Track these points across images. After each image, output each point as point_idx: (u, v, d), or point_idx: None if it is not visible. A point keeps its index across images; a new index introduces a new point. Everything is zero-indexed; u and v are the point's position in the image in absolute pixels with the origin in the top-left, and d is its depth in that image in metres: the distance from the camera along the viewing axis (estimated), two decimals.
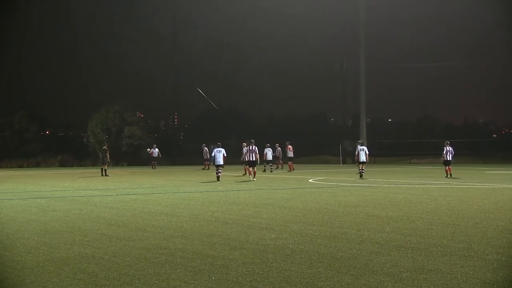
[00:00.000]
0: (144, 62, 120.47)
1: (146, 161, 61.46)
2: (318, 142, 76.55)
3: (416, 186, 25.08)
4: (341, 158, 61.25)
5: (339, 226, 12.43)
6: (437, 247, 9.73)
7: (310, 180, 30.08)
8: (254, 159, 31.52)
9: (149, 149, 51.32)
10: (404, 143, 76.43)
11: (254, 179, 30.55)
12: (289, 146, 44.04)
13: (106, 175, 36.54)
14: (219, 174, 30.93)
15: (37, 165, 61.20)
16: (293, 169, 42.26)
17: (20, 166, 59.79)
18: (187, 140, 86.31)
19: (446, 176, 31.63)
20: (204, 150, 47.15)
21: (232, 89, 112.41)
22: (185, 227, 12.53)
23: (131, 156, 63.97)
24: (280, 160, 46.02)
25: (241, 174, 35.33)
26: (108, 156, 38.19)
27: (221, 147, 32.04)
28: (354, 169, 39.75)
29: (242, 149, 33.55)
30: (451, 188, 23.57)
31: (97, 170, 38.03)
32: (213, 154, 32.12)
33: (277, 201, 18.55)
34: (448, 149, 33.20)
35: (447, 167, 32.41)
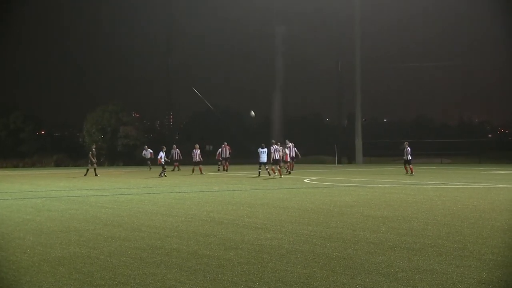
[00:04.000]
0: (139, 62, 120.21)
1: (141, 161, 61.41)
2: (313, 142, 76.51)
3: (411, 186, 25.11)
4: (336, 158, 61.24)
5: (335, 226, 12.44)
6: (432, 247, 9.75)
7: (306, 180, 30.09)
8: (278, 158, 34.04)
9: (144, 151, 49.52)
10: (400, 143, 76.48)
11: (278, 176, 32.70)
12: (227, 146, 44.32)
13: (96, 175, 36.83)
14: (267, 170, 34.43)
15: (32, 165, 61.11)
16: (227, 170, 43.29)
17: (16, 166, 59.68)
18: (183, 140, 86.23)
19: (407, 173, 34.82)
20: (194, 152, 44.37)
21: (227, 89, 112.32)
22: (181, 227, 12.53)
23: (126, 156, 63.92)
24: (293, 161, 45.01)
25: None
26: (91, 157, 38.30)
27: (265, 148, 35.15)
28: (350, 169, 39.81)
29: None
30: (447, 188, 23.61)
31: (91, 171, 38.03)
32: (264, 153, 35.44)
33: (273, 201, 18.56)
34: (408, 150, 35.71)
35: (409, 165, 35.36)
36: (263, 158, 35.11)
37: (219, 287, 7.35)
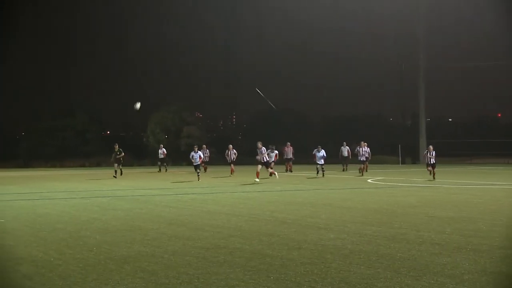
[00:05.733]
0: (202, 62, 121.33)
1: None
2: (376, 142, 75.66)
3: (477, 186, 24.62)
4: (400, 158, 60.53)
5: (398, 226, 12.29)
6: (500, 249, 9.52)
7: (369, 180, 29.84)
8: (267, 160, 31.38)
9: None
10: (465, 143, 74.96)
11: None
12: (290, 146, 42.14)
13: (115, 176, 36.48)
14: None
15: (97, 164, 62.35)
16: (291, 171, 41.10)
17: (82, 166, 61.07)
18: (245, 140, 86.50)
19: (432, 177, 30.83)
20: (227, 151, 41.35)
21: (289, 88, 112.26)
22: (244, 226, 12.57)
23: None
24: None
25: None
26: (113, 158, 38.26)
27: (322, 149, 35.50)
28: (414, 170, 39.25)
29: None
30: None
31: (154, 170, 38.48)
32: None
33: (335, 201, 18.47)
34: (433, 153, 32.18)
35: (433, 169, 31.47)
36: (319, 159, 34.80)
37: (282, 287, 7.34)
